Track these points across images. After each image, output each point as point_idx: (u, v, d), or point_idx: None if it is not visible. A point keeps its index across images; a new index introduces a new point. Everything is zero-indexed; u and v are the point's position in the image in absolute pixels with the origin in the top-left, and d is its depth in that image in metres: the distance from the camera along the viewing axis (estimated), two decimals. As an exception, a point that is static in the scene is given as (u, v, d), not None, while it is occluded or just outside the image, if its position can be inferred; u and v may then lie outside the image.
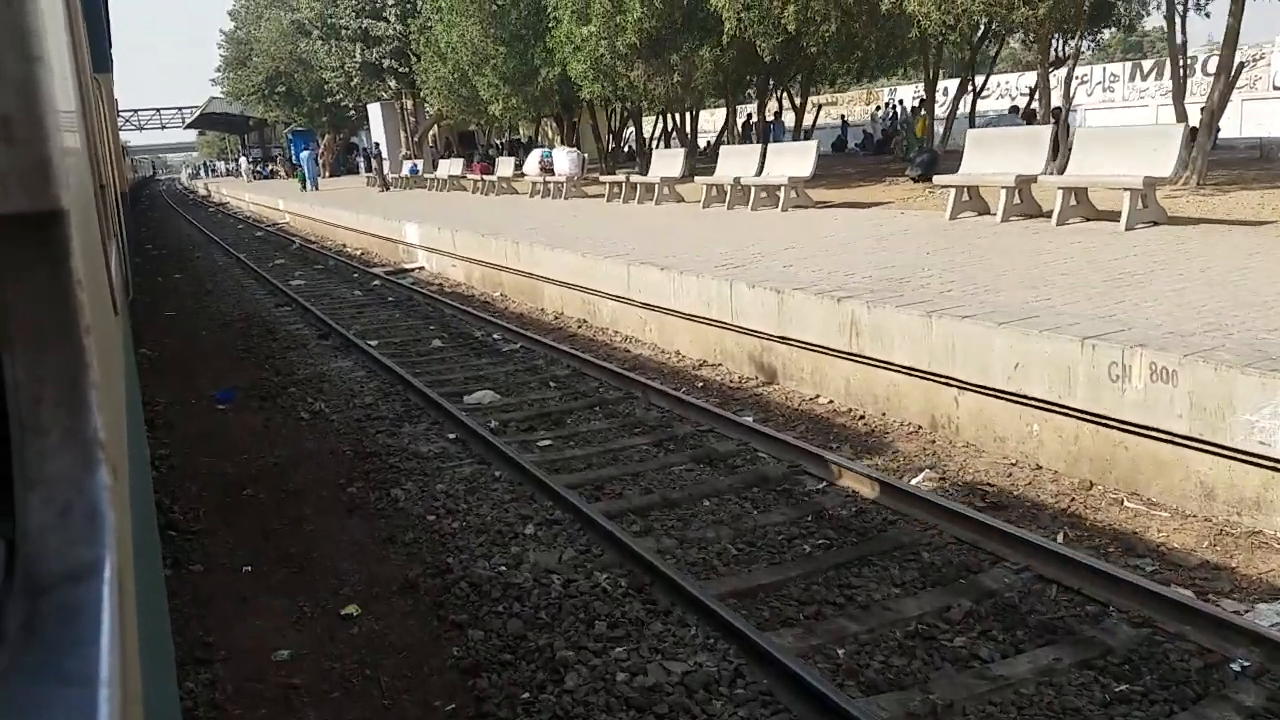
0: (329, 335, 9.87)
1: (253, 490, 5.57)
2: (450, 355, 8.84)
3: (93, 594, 0.53)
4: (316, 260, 17.60)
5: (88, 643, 0.50)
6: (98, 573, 0.54)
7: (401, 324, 10.62)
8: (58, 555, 0.54)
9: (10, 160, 0.54)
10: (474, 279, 13.24)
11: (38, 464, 0.56)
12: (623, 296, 9.01)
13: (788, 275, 7.28)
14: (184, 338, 10.66)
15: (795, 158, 12.32)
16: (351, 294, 13.23)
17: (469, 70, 20.87)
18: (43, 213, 0.56)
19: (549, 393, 7.30)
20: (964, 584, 3.91)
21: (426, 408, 6.85)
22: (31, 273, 0.56)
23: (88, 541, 0.55)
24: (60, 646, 0.50)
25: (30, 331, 0.56)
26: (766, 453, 5.51)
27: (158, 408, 7.53)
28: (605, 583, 3.86)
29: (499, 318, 10.50)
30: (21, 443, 0.56)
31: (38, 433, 0.56)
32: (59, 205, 0.56)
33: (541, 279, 10.90)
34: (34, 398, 0.56)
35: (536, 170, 19.12)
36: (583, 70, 15.38)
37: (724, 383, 7.27)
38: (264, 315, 11.67)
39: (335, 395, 7.46)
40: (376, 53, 30.01)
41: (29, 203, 0.55)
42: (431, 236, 14.80)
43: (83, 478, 0.57)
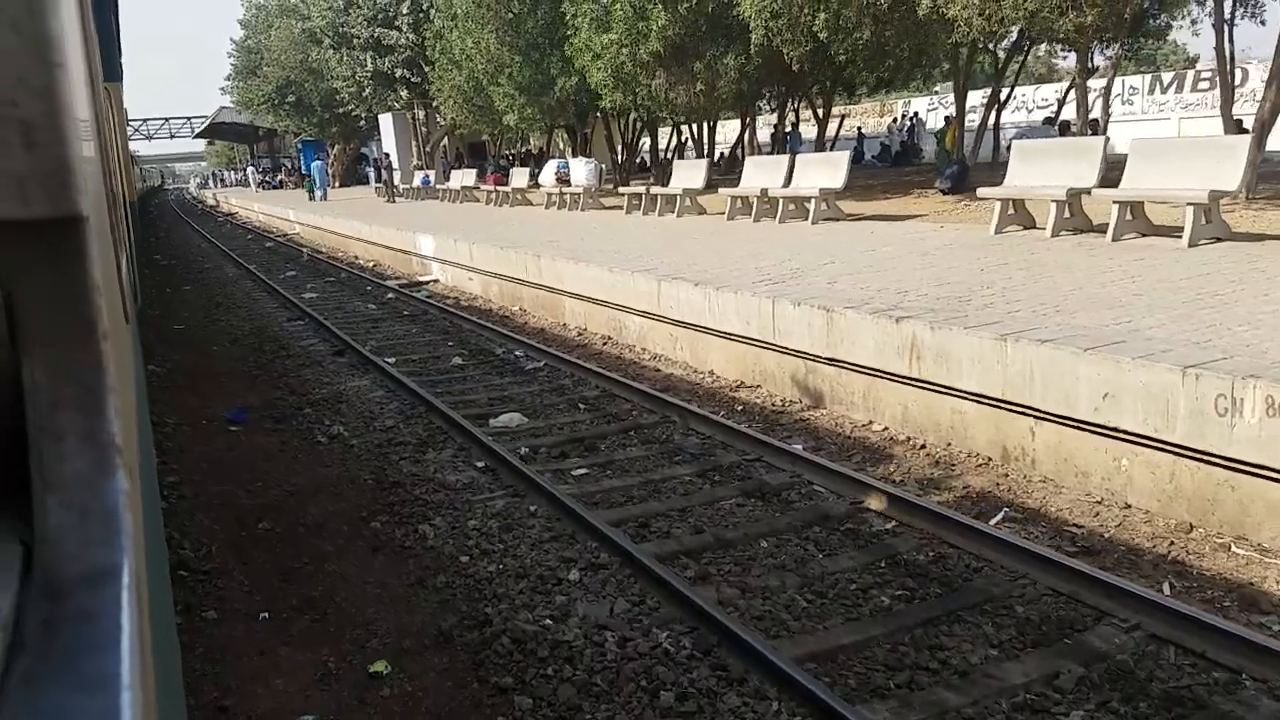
0: (344, 351, 9.52)
1: (269, 523, 5.20)
2: (472, 374, 8.47)
3: (112, 597, 0.53)
4: (328, 272, 17.30)
5: (108, 646, 0.50)
6: (116, 576, 0.54)
7: (419, 340, 10.27)
8: (76, 559, 0.55)
9: (32, 165, 0.55)
10: (491, 293, 12.89)
11: (55, 467, 0.57)
12: (652, 313, 8.64)
13: (834, 292, 6.89)
14: (194, 353, 10.33)
15: (826, 169, 11.95)
16: (365, 307, 12.90)
17: (484, 79, 20.62)
18: (63, 218, 0.57)
19: (579, 415, 6.92)
20: (1069, 645, 3.50)
21: (451, 432, 6.48)
22: (51, 278, 0.58)
23: (106, 545, 0.56)
24: (81, 650, 0.50)
25: (49, 336, 0.57)
26: (823, 486, 5.11)
27: (166, 429, 7.18)
28: (666, 642, 3.46)
29: (520, 333, 10.14)
30: (40, 446, 0.57)
31: (56, 436, 0.57)
32: (79, 210, 0.57)
33: (564, 294, 10.54)
34: (52, 402, 0.57)
35: (553, 181, 18.81)
36: (602, 79, 15.07)
37: (766, 406, 6.88)
38: (276, 330, 11.34)
39: (354, 417, 7.09)
40: (389, 62, 29.83)
41: (50, 208, 0.56)
42: (447, 249, 14.48)
43: (100, 481, 0.57)
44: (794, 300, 6.61)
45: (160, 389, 8.48)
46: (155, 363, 9.72)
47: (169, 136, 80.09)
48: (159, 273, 19.17)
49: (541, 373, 8.31)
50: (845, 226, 11.70)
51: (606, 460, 5.85)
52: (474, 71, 21.01)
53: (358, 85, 31.40)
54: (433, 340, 10.20)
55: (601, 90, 15.64)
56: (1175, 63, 56.19)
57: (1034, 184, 9.31)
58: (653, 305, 8.56)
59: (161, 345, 10.86)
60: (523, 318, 11.50)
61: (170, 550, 4.73)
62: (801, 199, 12.16)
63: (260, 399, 8.00)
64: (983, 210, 12.28)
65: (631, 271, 8.93)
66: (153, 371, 9.18)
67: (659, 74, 14.39)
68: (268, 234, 27.79)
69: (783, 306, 6.69)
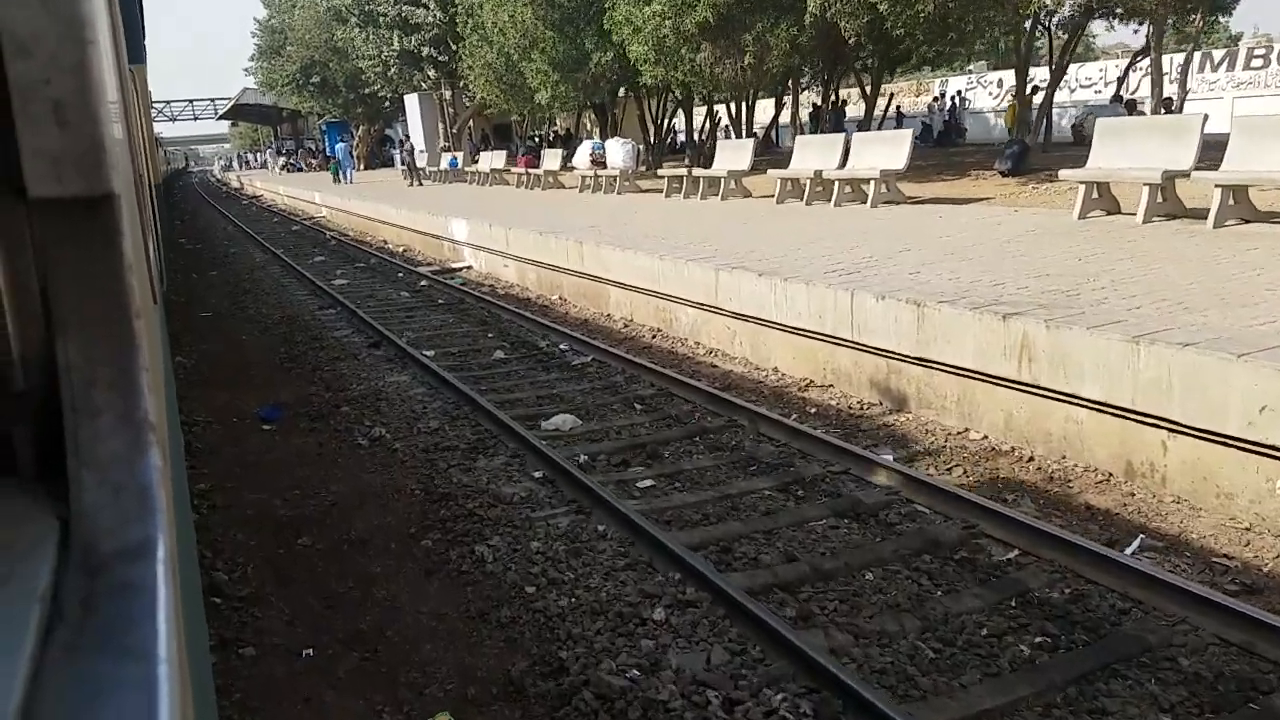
0: (380, 344, 9.10)
1: (309, 539, 4.78)
2: (516, 369, 8.01)
3: (148, 571, 0.54)
4: (357, 257, 16.93)
5: (146, 619, 0.51)
6: (151, 551, 0.55)
7: (457, 331, 9.83)
8: (113, 534, 0.55)
9: (65, 144, 0.55)
10: (529, 280, 12.43)
11: (91, 445, 0.57)
12: (708, 305, 8.12)
13: (919, 285, 6.34)
14: (222, 343, 9.97)
15: (886, 148, 11.32)
16: (398, 295, 12.49)
17: (516, 55, 20.08)
18: (96, 196, 0.57)
19: (636, 417, 6.44)
20: (1257, 711, 2.98)
21: (501, 435, 6.03)
22: (85, 256, 0.57)
23: (141, 521, 0.56)
24: (120, 623, 0.51)
25: (83, 315, 0.58)
26: (926, 505, 4.60)
27: (196, 428, 6.80)
28: (783, 707, 2.98)
29: (562, 324, 9.67)
30: (75, 425, 0.57)
31: (91, 414, 0.58)
32: (111, 189, 0.57)
33: (608, 282, 10.05)
34: (87, 380, 0.58)
35: (587, 163, 18.27)
36: (643, 53, 14.46)
37: (841, 409, 6.36)
38: (307, 318, 10.96)
39: (395, 417, 6.66)
40: (415, 40, 29.35)
41: (83, 186, 0.56)
42: (481, 234, 14.03)
43: (135, 458, 0.58)
44: (877, 293, 6.07)
45: (188, 383, 8.11)
46: (182, 353, 9.37)
47: (193, 118, 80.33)
48: (184, 257, 18.92)
49: (590, 368, 7.84)
50: (908, 211, 11.09)
51: (673, 470, 5.36)
52: (505, 47, 20.47)
53: (383, 65, 30.97)
54: (471, 332, 9.75)
55: (641, 65, 15.03)
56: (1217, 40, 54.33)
57: (1122, 166, 8.66)
58: (709, 296, 8.04)
59: (188, 334, 10.52)
60: (563, 307, 11.03)
61: (203, 572, 4.32)
62: (859, 181, 11.55)
63: (294, 395, 7.60)
64: (1052, 193, 11.62)
65: (685, 260, 8.41)
66: (180, 363, 8.83)
67: (704, 47, 13.77)
68: (294, 217, 27.53)
69: (864, 300, 6.15)
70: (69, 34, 0.54)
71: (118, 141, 0.62)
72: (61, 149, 0.55)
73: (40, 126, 0.54)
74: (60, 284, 0.57)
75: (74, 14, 0.54)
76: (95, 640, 0.49)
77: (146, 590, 0.53)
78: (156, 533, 0.56)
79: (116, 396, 0.58)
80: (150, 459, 0.58)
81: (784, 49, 13.24)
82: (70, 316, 0.57)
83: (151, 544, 0.55)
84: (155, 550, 0.55)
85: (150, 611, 0.51)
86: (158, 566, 0.54)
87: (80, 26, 0.55)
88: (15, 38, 0.53)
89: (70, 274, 0.57)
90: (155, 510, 0.57)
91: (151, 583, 0.53)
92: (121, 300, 0.58)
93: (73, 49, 0.54)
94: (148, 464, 0.58)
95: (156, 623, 0.51)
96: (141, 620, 0.51)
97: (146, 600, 0.52)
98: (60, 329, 0.57)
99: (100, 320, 0.58)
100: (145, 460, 0.58)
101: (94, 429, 0.57)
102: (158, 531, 0.56)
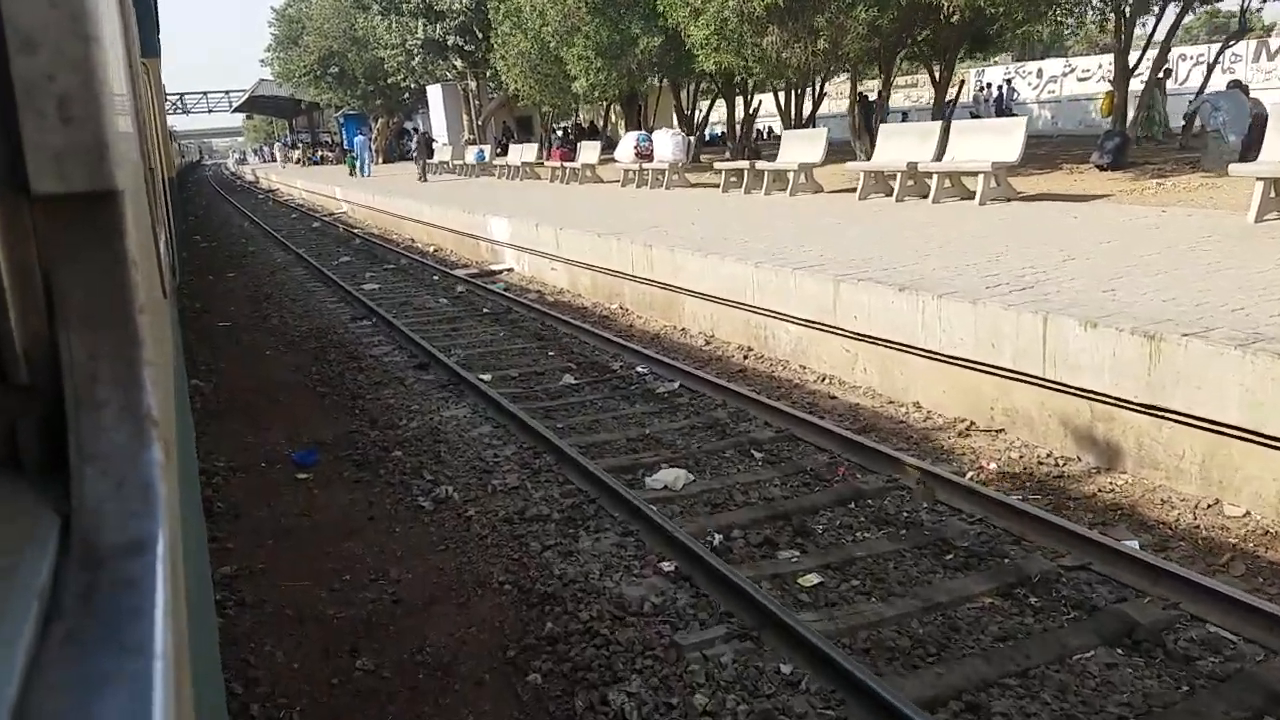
0: (428, 365, 7.87)
1: (369, 659, 3.55)
2: (592, 398, 6.76)
3: (148, 566, 0.54)
4: (385, 258, 15.73)
5: (145, 614, 0.51)
6: (152, 546, 0.55)
7: (511, 348, 8.59)
8: (113, 528, 0.55)
9: (69, 140, 0.55)
10: (582, 286, 11.18)
11: (93, 439, 0.58)
12: (820, 323, 6.84)
13: (1125, 307, 5.04)
14: (243, 361, 8.78)
15: (995, 137, 9.97)
16: (436, 302, 11.28)
17: (554, 42, 18.82)
18: (99, 192, 0.57)
19: (760, 470, 5.18)
20: None
21: (601, 498, 4.78)
22: (88, 252, 0.58)
23: (142, 515, 0.56)
24: (118, 617, 0.51)
25: (86, 310, 0.58)
26: (1227, 628, 3.31)
27: (216, 478, 5.60)
28: None
29: (632, 340, 8.43)
30: (77, 419, 0.58)
31: (93, 408, 0.58)
32: (114, 185, 0.58)
33: (682, 292, 8.79)
34: (89, 375, 0.58)
35: (631, 156, 16.98)
36: (704, 37, 13.15)
37: (1029, 464, 5.07)
38: (339, 331, 9.74)
39: (462, 468, 5.42)
40: (440, 29, 28.13)
41: (86, 182, 0.57)
42: (525, 234, 12.79)
43: (137, 453, 0.58)
44: (1082, 319, 4.77)
45: (206, 413, 6.92)
46: (199, 374, 8.19)
47: (207, 111, 79.58)
48: (199, 256, 17.80)
49: (680, 398, 6.58)
50: (1027, 209, 9.74)
51: (841, 559, 4.09)
52: (541, 34, 19.21)
53: (407, 54, 29.76)
54: (528, 348, 8.51)
55: (700, 50, 13.70)
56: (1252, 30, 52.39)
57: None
58: (822, 313, 6.76)
59: (205, 348, 9.34)
60: (626, 319, 9.78)
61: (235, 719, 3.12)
62: (960, 175, 10.22)
63: (333, 431, 6.39)
64: (1183, 190, 10.27)
65: (791, 269, 7.12)
66: (196, 388, 7.64)
67: (771, 30, 12.46)
68: (313, 213, 26.39)
69: (1064, 326, 4.85)
70: (74, 29, 0.55)
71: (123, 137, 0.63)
72: (65, 145, 0.55)
73: (44, 122, 0.54)
74: (63, 279, 0.58)
75: (79, 9, 0.55)
76: (92, 635, 0.49)
77: (145, 585, 0.52)
78: (156, 528, 0.56)
79: (119, 391, 0.59)
80: (152, 454, 0.58)
81: (860, 32, 11.89)
82: (73, 311, 0.58)
83: (151, 539, 0.55)
84: (155, 545, 0.55)
85: (148, 606, 0.51)
86: (157, 562, 0.54)
87: (85, 22, 0.55)
88: (20, 32, 0.53)
89: (73, 269, 0.58)
90: (156, 505, 0.57)
91: (150, 578, 0.53)
92: (124, 296, 0.59)
93: (77, 44, 0.55)
94: (149, 458, 0.58)
95: (154, 618, 0.51)
96: (139, 615, 0.51)
97: (145, 595, 0.52)
98: (63, 324, 0.58)
99: (103, 316, 0.59)
100: (147, 455, 0.58)
101: (96, 423, 0.58)
102: (158, 526, 0.56)
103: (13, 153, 0.55)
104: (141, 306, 0.60)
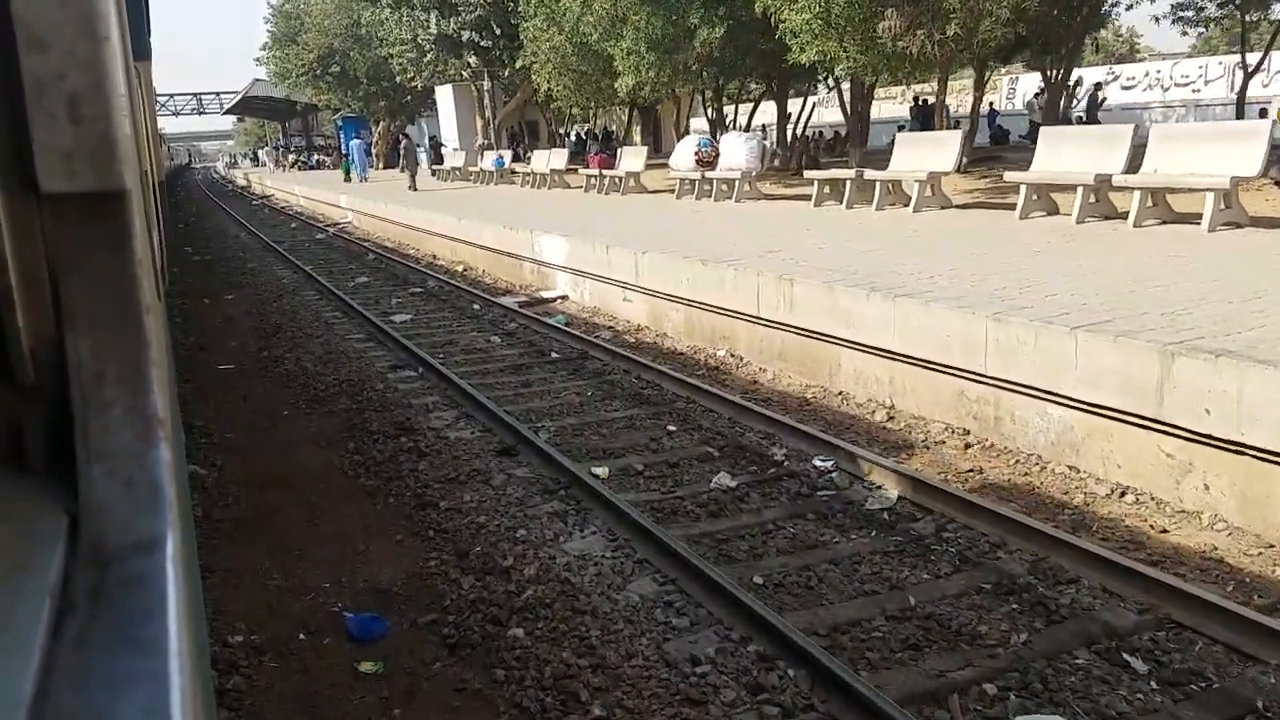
0: (515, 449, 5.76)
1: None
2: (777, 521, 4.65)
3: (158, 565, 0.54)
4: (409, 278, 13.61)
5: (157, 612, 0.51)
6: (161, 545, 0.55)
7: (612, 416, 6.50)
8: (122, 528, 0.56)
9: (78, 139, 0.56)
10: (670, 325, 9.10)
11: (101, 439, 0.58)
12: (1116, 410, 4.75)
13: None
14: (255, 429, 6.67)
15: (1223, 145, 7.85)
16: (488, 341, 9.18)
17: (597, 35, 16.78)
18: (109, 192, 0.58)
19: (1145, 691, 3.10)
20: None
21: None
22: (96, 252, 0.58)
23: (151, 514, 0.57)
24: (130, 615, 0.51)
25: (94, 310, 0.58)
26: None
27: (231, 652, 3.50)
28: None
29: (775, 407, 6.39)
30: (85, 419, 0.58)
31: (101, 408, 0.58)
32: (123, 185, 0.58)
33: (841, 343, 6.72)
34: (97, 374, 0.58)
35: (690, 163, 14.90)
36: (804, 22, 11.09)
37: None
38: (376, 384, 7.62)
39: (638, 681, 3.30)
40: (455, 23, 26.06)
41: (96, 182, 0.57)
42: (588, 256, 10.70)
43: (145, 452, 0.59)
44: None
45: (207, 529, 4.80)
46: (199, 448, 6.10)
47: (197, 113, 77.30)
48: (191, 272, 15.64)
49: (917, 527, 4.50)
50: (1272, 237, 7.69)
51: None
52: (580, 26, 17.17)
53: (418, 50, 27.65)
54: (637, 419, 6.42)
55: (796, 39, 11.62)
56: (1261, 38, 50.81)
57: None
58: (1132, 396, 4.66)
59: (205, 404, 7.25)
60: (745, 371, 7.70)
61: None
62: (1164, 191, 8.20)
63: (400, 568, 4.29)
64: None
65: (1068, 328, 5.02)
66: (196, 476, 5.53)
67: (889, 15, 10.44)
68: (314, 223, 24.23)
69: None
70: (84, 28, 0.55)
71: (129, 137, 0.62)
72: (75, 144, 0.55)
73: (54, 121, 0.54)
74: (71, 279, 0.58)
75: (89, 8, 0.55)
76: (106, 634, 0.49)
77: (156, 584, 0.52)
78: (165, 527, 0.56)
79: (126, 391, 0.58)
80: (160, 453, 0.58)
81: (1002, 17, 9.87)
82: (81, 311, 0.58)
83: (161, 538, 0.55)
84: (164, 544, 0.55)
85: (160, 605, 0.51)
86: (167, 561, 0.54)
87: (95, 21, 0.55)
88: (30, 31, 0.53)
89: (81, 269, 0.58)
90: (164, 504, 0.57)
91: (161, 576, 0.53)
92: (132, 296, 0.59)
93: (88, 44, 0.55)
94: (157, 458, 0.58)
95: (167, 616, 0.51)
96: (152, 614, 0.50)
97: (156, 594, 0.52)
98: (70, 323, 0.58)
99: (111, 315, 0.58)
100: (155, 454, 0.58)
101: (104, 423, 0.58)
102: (167, 525, 0.56)
103: (21, 151, 0.55)
104: (148, 307, 0.60)
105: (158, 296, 1.34)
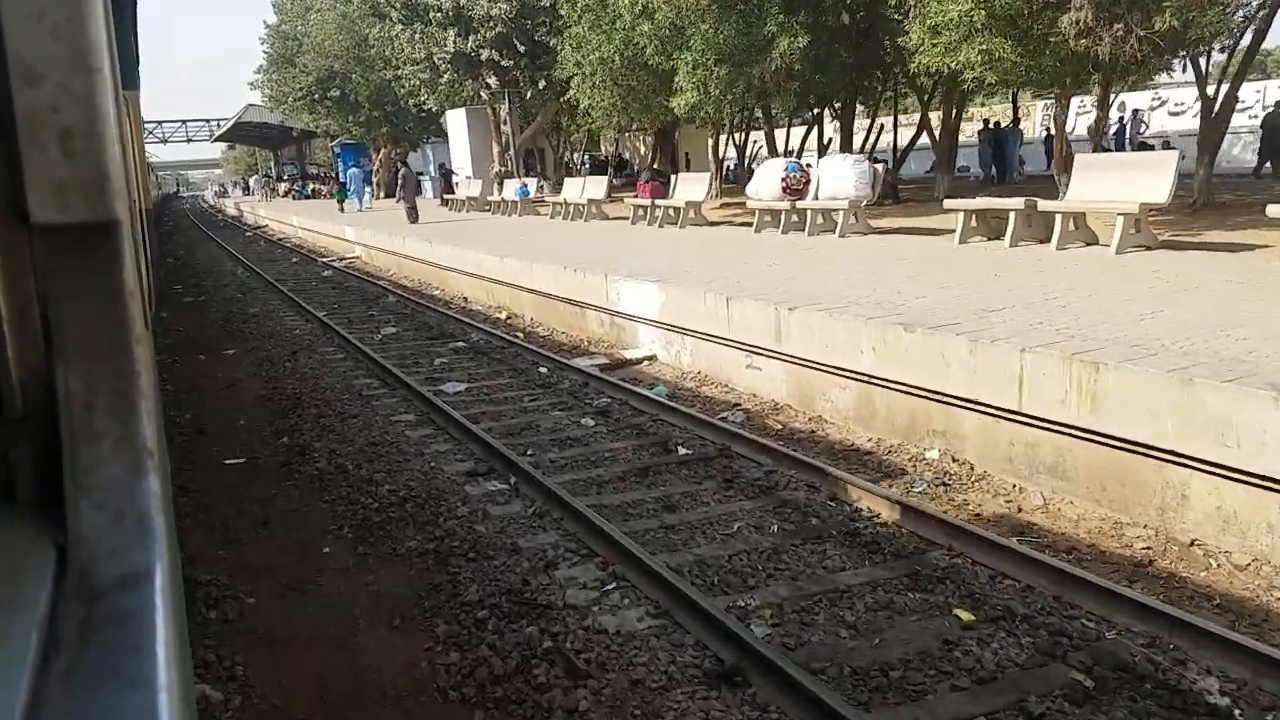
0: (738, 671, 3.50)
1: None
2: None
3: (147, 599, 0.53)
4: (445, 328, 11.38)
5: (146, 647, 0.50)
6: (150, 578, 0.54)
7: (847, 582, 4.26)
8: (111, 561, 0.54)
9: (71, 171, 0.55)
10: (829, 407, 6.91)
11: (90, 471, 0.57)
12: None
13: None
14: (284, 582, 4.42)
15: None
16: (579, 426, 6.98)
17: (653, 45, 14.76)
18: (100, 223, 0.57)
19: None
20: None
21: None
22: (87, 283, 0.58)
23: (140, 547, 0.55)
24: (119, 651, 0.49)
25: (84, 341, 0.58)
26: None
27: None
28: None
29: (1093, 567, 4.16)
30: (74, 450, 0.57)
31: (90, 440, 0.57)
32: (115, 216, 0.57)
33: (1195, 464, 4.51)
34: (86, 405, 0.57)
35: (776, 192, 12.78)
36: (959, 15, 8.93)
37: None
38: (454, 501, 5.37)
39: None
40: (475, 41, 24.07)
41: (88, 213, 0.56)
42: (689, 308, 8.52)
43: (134, 484, 0.58)
44: None
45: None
46: (205, 629, 3.93)
47: (185, 140, 75.24)
48: (182, 317, 13.40)
49: None
50: None
51: None
52: (633, 36, 15.16)
53: (433, 70, 25.63)
54: (883, 584, 4.19)
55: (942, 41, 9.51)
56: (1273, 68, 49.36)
57: None
58: None
59: (208, 532, 5.01)
60: (985, 488, 5.48)
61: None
62: None
63: None
64: None
65: None
66: (205, 697, 3.26)
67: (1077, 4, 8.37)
68: (315, 256, 22.01)
69: None
70: (77, 61, 0.54)
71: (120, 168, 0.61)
72: (67, 176, 0.55)
73: (47, 154, 0.54)
74: (62, 309, 0.57)
75: (82, 42, 0.54)
76: (94, 669, 0.48)
77: (144, 618, 0.51)
78: (154, 559, 0.54)
79: (116, 422, 0.57)
80: (149, 485, 0.57)
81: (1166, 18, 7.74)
82: (71, 342, 0.57)
83: (149, 571, 0.54)
84: (153, 577, 0.54)
85: (149, 640, 0.50)
86: (156, 594, 0.53)
87: (88, 53, 0.54)
88: (24, 65, 0.53)
89: (72, 300, 0.57)
90: (154, 537, 0.55)
91: (149, 610, 0.52)
92: (122, 326, 0.58)
93: (81, 77, 0.54)
94: (147, 490, 0.57)
95: (156, 651, 0.49)
96: (141, 648, 0.49)
97: (145, 628, 0.51)
98: (60, 354, 0.57)
99: (101, 346, 0.58)
100: (144, 486, 0.57)
101: (93, 455, 0.57)
102: (155, 558, 0.54)
103: (12, 183, 0.54)
104: (138, 337, 0.59)
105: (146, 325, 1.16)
